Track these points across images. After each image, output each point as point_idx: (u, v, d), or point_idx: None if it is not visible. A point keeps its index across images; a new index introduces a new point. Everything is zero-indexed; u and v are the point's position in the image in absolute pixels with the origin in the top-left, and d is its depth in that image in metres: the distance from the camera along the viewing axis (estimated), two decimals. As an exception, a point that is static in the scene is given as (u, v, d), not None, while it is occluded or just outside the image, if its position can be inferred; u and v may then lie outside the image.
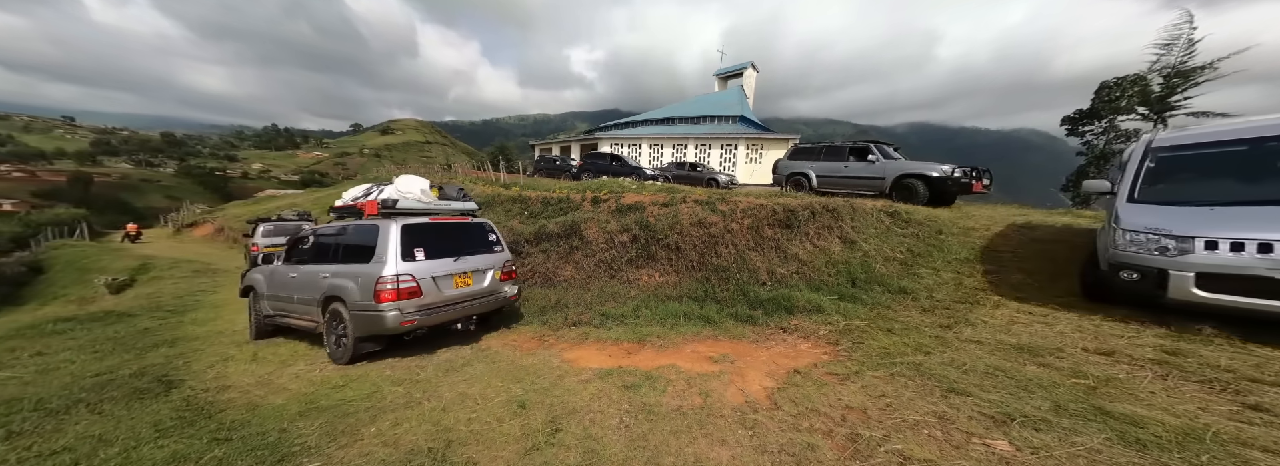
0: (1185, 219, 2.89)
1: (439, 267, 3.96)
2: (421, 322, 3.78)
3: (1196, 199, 3.01)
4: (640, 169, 14.47)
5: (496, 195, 9.58)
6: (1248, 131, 3.04)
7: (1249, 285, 2.59)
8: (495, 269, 4.43)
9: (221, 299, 7.93)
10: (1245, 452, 1.75)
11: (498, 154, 36.52)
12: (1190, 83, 11.05)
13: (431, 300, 3.86)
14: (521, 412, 2.69)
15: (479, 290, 4.26)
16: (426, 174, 21.62)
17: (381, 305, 3.60)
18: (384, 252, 3.74)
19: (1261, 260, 2.54)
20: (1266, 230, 2.57)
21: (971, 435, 2.05)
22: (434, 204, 4.42)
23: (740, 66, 29.95)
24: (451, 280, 4.04)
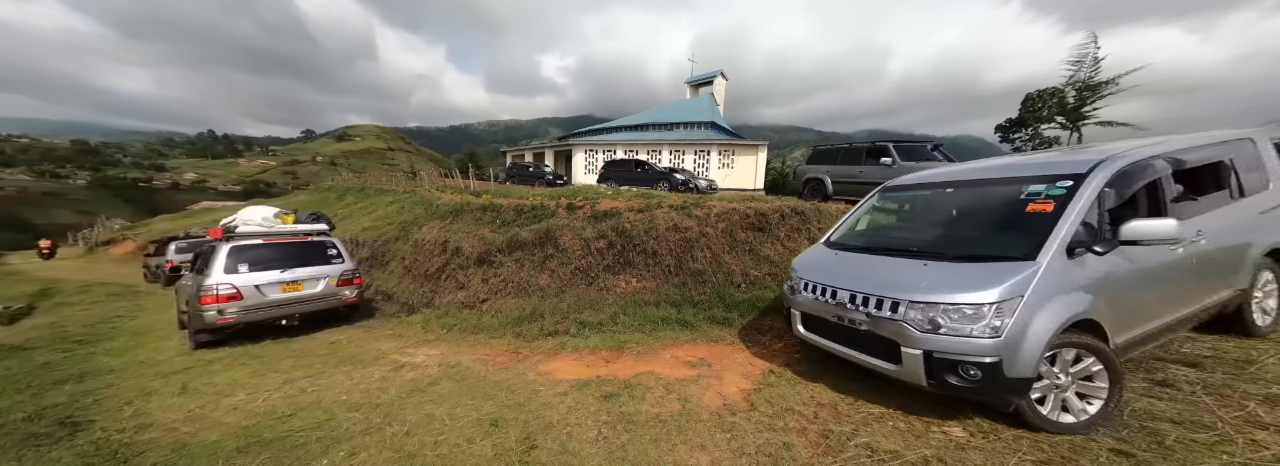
0: (820, 262, 3.01)
1: (264, 278, 5.11)
2: (239, 320, 4.91)
3: (856, 243, 3.06)
4: (671, 174, 12.99)
5: (465, 204, 9.21)
6: (931, 177, 3.11)
7: (825, 327, 2.69)
8: (331, 277, 5.57)
9: (144, 325, 7.02)
10: (1156, 424, 1.98)
11: (467, 161, 35.27)
12: (1097, 96, 12.67)
13: (253, 303, 4.99)
14: (494, 431, 2.57)
15: (310, 295, 5.40)
16: (389, 181, 20.47)
17: (203, 306, 4.76)
18: (212, 267, 4.95)
19: (828, 305, 2.59)
20: (838, 278, 2.63)
21: (930, 423, 2.19)
22: (272, 228, 5.66)
23: (711, 75, 30.91)
24: (278, 287, 5.18)
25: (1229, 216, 2.60)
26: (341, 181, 27.56)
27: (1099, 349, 2.07)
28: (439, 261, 7.42)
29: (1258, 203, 2.72)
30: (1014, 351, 1.96)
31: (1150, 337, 2.36)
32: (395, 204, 13.29)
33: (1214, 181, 2.72)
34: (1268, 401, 2.06)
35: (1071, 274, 2.09)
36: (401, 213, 11.55)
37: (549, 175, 18.75)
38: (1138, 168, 2.31)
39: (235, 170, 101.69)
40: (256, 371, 4.18)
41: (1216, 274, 2.54)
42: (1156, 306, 2.36)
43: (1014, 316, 1.98)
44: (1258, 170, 2.81)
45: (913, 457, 1.93)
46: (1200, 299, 2.49)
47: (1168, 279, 2.36)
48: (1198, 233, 2.43)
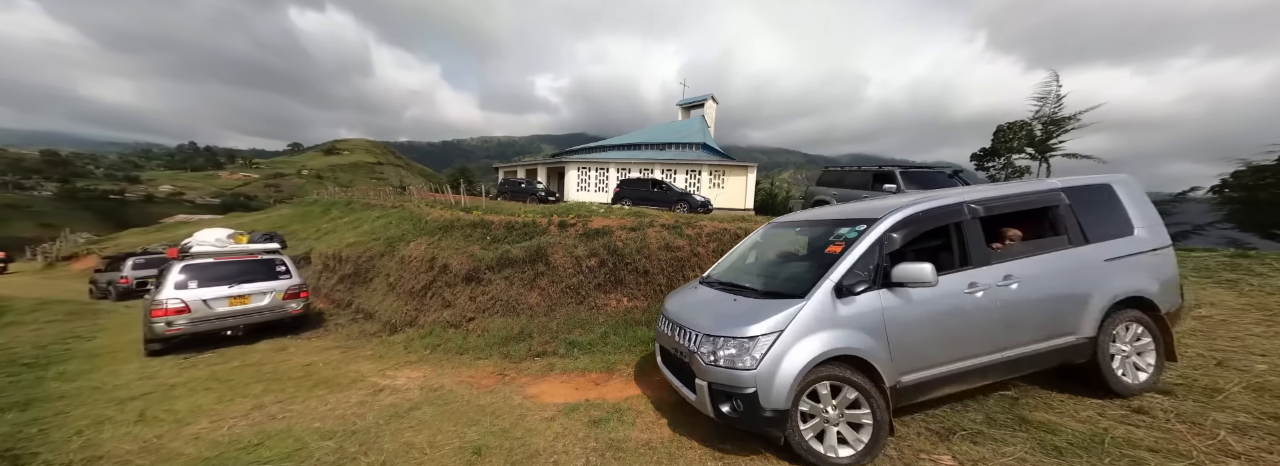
0: (683, 297, 3.11)
1: (212, 292, 5.74)
2: (186, 331, 5.54)
3: (719, 278, 3.10)
4: (689, 195, 12.69)
5: (456, 219, 9.16)
6: (800, 215, 3.28)
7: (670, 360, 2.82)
8: (277, 291, 6.24)
9: (102, 345, 6.56)
10: (1136, 453, 2.02)
11: (458, 176, 35.29)
12: (1062, 130, 13.62)
13: (200, 315, 5.62)
14: (476, 460, 2.45)
15: (255, 307, 6.04)
16: (377, 196, 20.28)
17: (153, 319, 5.41)
18: (164, 284, 5.63)
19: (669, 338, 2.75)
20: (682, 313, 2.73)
21: (921, 451, 2.18)
22: (225, 247, 6.48)
23: (701, 98, 32.31)
24: (226, 301, 5.82)
25: (1058, 262, 2.51)
26: (327, 195, 27.17)
27: (859, 384, 2.12)
28: (425, 278, 7.26)
29: (1107, 250, 2.58)
30: (768, 384, 2.07)
31: (949, 380, 2.31)
32: (382, 219, 13.12)
33: (1050, 227, 2.69)
34: (1237, 430, 2.12)
35: (838, 312, 2.18)
36: (388, 228, 11.39)
37: (541, 192, 18.85)
38: (922, 215, 2.46)
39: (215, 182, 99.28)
40: (222, 396, 3.93)
41: (1041, 320, 2.43)
42: (950, 348, 2.31)
43: (769, 350, 2.10)
44: (1113, 217, 2.71)
45: (905, 489, 1.91)
46: (1019, 345, 2.39)
47: (964, 321, 2.32)
48: (1006, 277, 2.38)
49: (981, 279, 2.40)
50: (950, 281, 2.36)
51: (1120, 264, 2.59)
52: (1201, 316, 3.63)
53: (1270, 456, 1.92)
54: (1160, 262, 2.67)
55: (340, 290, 9.19)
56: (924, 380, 2.29)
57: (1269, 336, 3.11)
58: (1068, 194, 2.72)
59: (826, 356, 2.11)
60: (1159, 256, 2.68)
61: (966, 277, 2.40)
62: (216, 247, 6.44)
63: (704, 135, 29.38)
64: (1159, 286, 2.62)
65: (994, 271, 2.42)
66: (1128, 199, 2.78)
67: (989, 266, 2.43)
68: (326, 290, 9.57)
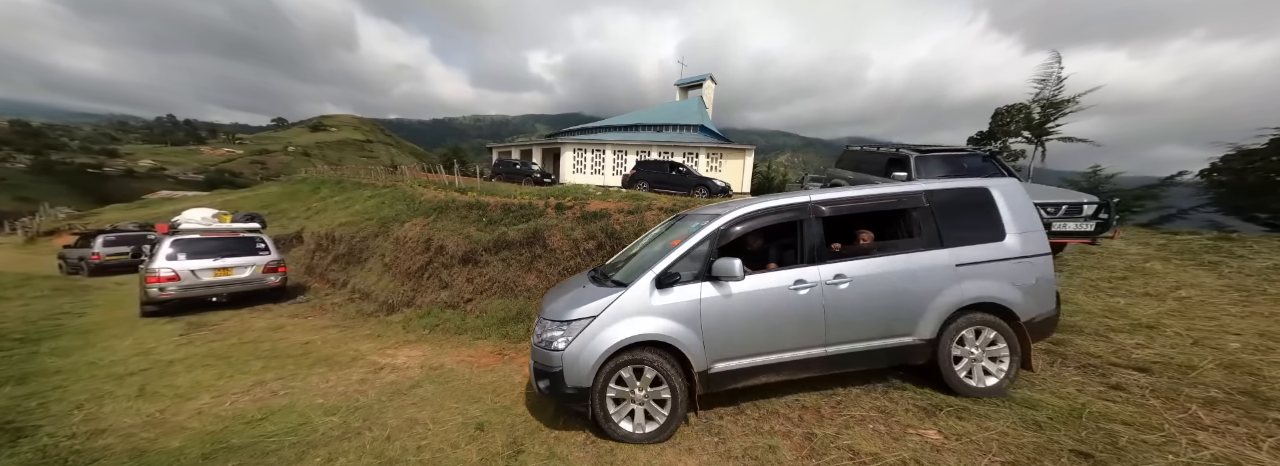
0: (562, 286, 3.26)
1: (199, 264, 6.62)
2: (176, 296, 6.41)
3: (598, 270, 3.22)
4: (710, 179, 12.22)
5: (450, 200, 8.98)
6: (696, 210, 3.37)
7: None
8: (258, 265, 7.07)
9: (94, 322, 6.53)
10: (1111, 426, 2.13)
11: (451, 156, 34.38)
12: (1060, 113, 13.43)
13: (189, 283, 6.50)
14: (479, 436, 2.52)
15: (238, 278, 6.90)
16: (368, 175, 19.76)
17: (148, 285, 6.27)
18: (157, 255, 6.47)
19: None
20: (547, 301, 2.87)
21: (908, 426, 2.28)
22: (210, 225, 7.30)
23: (700, 78, 31.20)
24: (211, 272, 6.70)
25: (899, 265, 2.53)
26: (316, 173, 26.48)
27: (661, 367, 2.29)
28: (422, 259, 7.22)
29: (963, 254, 2.56)
30: (572, 364, 2.29)
31: (765, 370, 2.44)
32: (374, 199, 12.84)
33: (905, 230, 2.72)
34: (1207, 404, 2.24)
35: (654, 301, 2.36)
36: (381, 208, 11.17)
37: (537, 173, 18.49)
38: (756, 214, 2.59)
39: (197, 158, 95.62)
40: (222, 373, 3.96)
41: (873, 320, 2.49)
42: (768, 340, 2.42)
43: (580, 334, 2.31)
44: (983, 221, 2.66)
45: (891, 460, 2.01)
46: (847, 341, 2.47)
47: (785, 316, 2.41)
48: (837, 277, 2.46)
49: (810, 277, 2.47)
50: (777, 277, 2.47)
51: (975, 269, 2.54)
52: (1181, 297, 3.74)
53: (1237, 428, 2.03)
54: (1026, 270, 2.59)
55: (335, 270, 9.13)
56: (737, 368, 2.42)
57: (1244, 316, 3.24)
58: (932, 197, 2.69)
59: (633, 341, 2.29)
60: (1027, 264, 2.60)
61: (795, 275, 2.48)
62: (202, 225, 7.25)
63: (702, 117, 28.63)
64: (1020, 293, 2.56)
65: (826, 270, 2.49)
66: (1005, 204, 2.71)
67: (823, 265, 2.51)
68: (321, 269, 9.50)
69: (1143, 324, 3.23)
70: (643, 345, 2.33)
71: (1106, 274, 4.44)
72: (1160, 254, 4.97)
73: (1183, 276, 4.22)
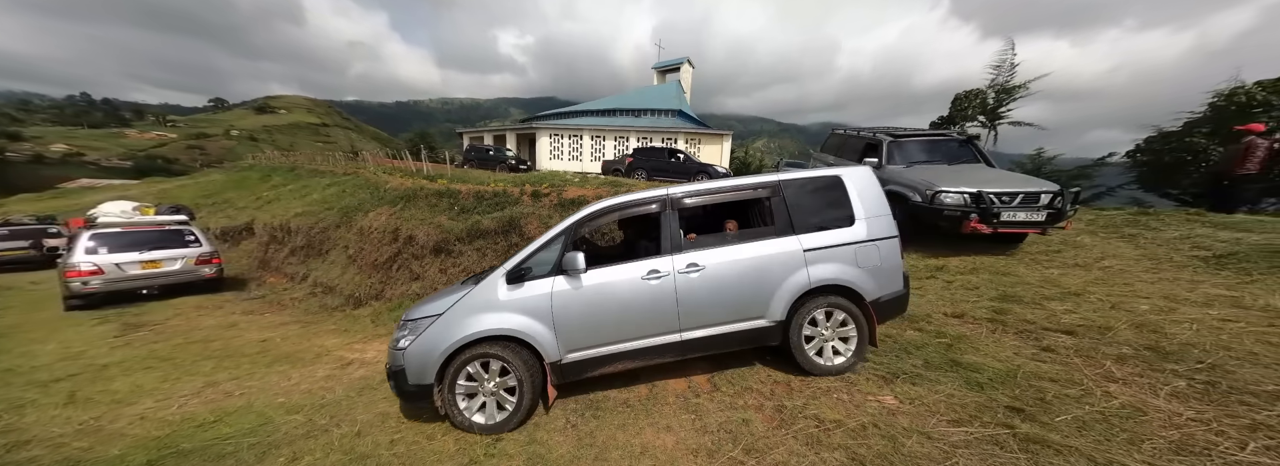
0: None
1: (124, 258, 6.51)
2: (101, 289, 6.32)
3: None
4: (710, 166, 11.89)
5: (419, 188, 8.50)
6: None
7: None
8: (189, 258, 7.05)
9: (9, 324, 5.85)
10: (1040, 384, 2.37)
11: (418, 141, 32.39)
12: (1012, 98, 14.21)
13: (114, 277, 6.41)
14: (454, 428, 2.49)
15: (169, 271, 6.88)
16: (326, 161, 18.29)
17: (69, 280, 6.19)
18: (75, 250, 6.37)
19: None
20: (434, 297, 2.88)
21: (868, 394, 2.45)
22: (131, 218, 7.42)
23: (677, 61, 30.48)
24: (137, 265, 6.59)
25: (751, 251, 2.64)
26: (266, 160, 24.28)
27: (507, 360, 2.38)
28: (390, 250, 6.87)
29: (812, 240, 2.68)
30: (413, 361, 2.37)
31: (622, 357, 2.53)
32: (334, 187, 11.97)
33: (760, 218, 2.87)
34: (1119, 360, 2.54)
35: (503, 296, 2.45)
36: (342, 197, 10.44)
37: (512, 160, 17.77)
38: (611, 209, 2.68)
39: (121, 142, 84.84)
40: (167, 375, 3.68)
41: (727, 305, 2.59)
42: (622, 329, 2.51)
43: (424, 332, 2.40)
44: (834, 208, 2.80)
45: (853, 425, 2.16)
46: (703, 326, 2.57)
47: (638, 305, 2.52)
48: (691, 265, 2.56)
49: (664, 267, 2.56)
50: (630, 268, 2.56)
51: (823, 254, 2.67)
52: (1105, 267, 4.17)
53: (1141, 379, 2.32)
54: (873, 253, 2.73)
55: (293, 263, 8.55)
56: (592, 357, 2.51)
57: (1153, 282, 3.65)
58: (787, 186, 2.81)
59: (478, 337, 2.37)
60: (873, 247, 2.74)
61: (650, 265, 2.56)
62: (123, 218, 7.30)
63: (680, 102, 28.21)
64: (866, 275, 2.70)
65: (680, 259, 2.58)
66: (856, 191, 2.85)
67: (678, 255, 2.59)
68: (277, 263, 8.87)
69: (1071, 291, 3.58)
70: (492, 339, 2.40)
71: (1044, 248, 4.85)
72: (1089, 228, 5.47)
73: (1107, 248, 4.68)
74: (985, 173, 5.03)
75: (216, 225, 11.99)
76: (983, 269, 4.27)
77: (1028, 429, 1.98)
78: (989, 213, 4.22)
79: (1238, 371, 2.25)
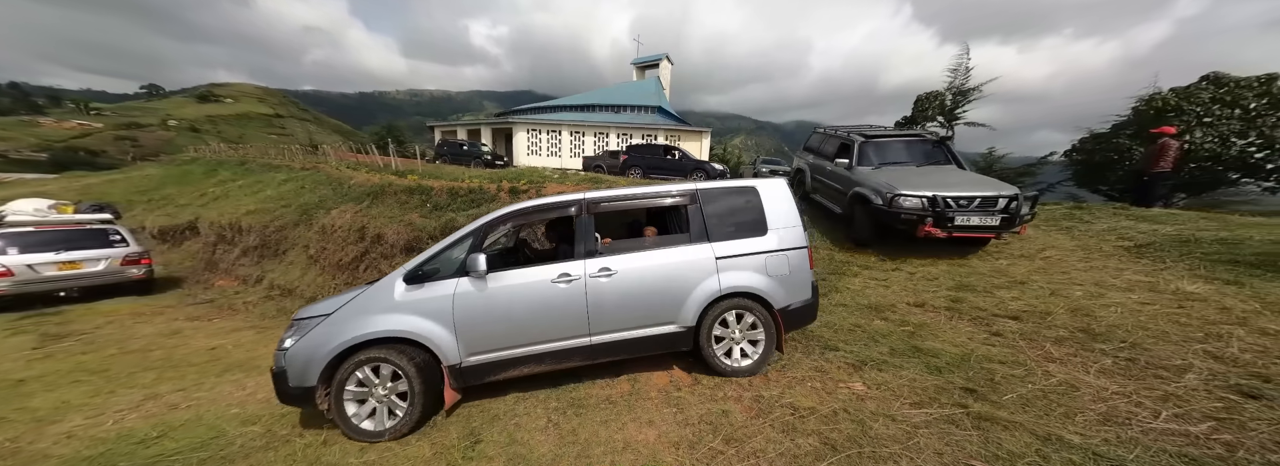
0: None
1: (38, 258, 6.03)
2: (12, 292, 5.85)
3: None
4: (707, 163, 11.78)
5: (387, 185, 8.06)
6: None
7: None
8: (113, 258, 6.60)
9: (-105, 341, 5.09)
10: (990, 366, 2.58)
11: (386, 135, 30.66)
12: (968, 100, 15.20)
13: (26, 278, 5.94)
14: (431, 430, 2.41)
15: (91, 272, 6.40)
16: (281, 155, 16.99)
17: None
18: None
19: None
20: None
21: (839, 382, 2.58)
22: (45, 217, 7.07)
23: (656, 57, 30.40)
24: (54, 266, 6.13)
25: (665, 258, 2.67)
26: (211, 153, 22.24)
27: (398, 362, 2.31)
28: (355, 250, 6.50)
29: (724, 248, 2.73)
30: (296, 363, 2.32)
31: (529, 360, 2.52)
32: (291, 183, 11.15)
33: (677, 225, 2.99)
34: (1057, 341, 2.80)
35: (400, 298, 2.41)
36: (301, 193, 9.76)
37: (487, 155, 17.17)
38: (521, 213, 2.70)
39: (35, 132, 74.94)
40: (99, 389, 3.35)
41: (638, 310, 2.61)
42: (528, 332, 2.50)
43: (309, 333, 2.34)
44: (749, 217, 2.85)
45: (825, 411, 2.27)
46: (614, 331, 2.59)
47: (546, 309, 2.51)
48: (603, 269, 2.57)
49: (576, 271, 2.57)
50: (539, 272, 2.56)
51: (735, 261, 2.72)
52: (1046, 257, 4.56)
53: (1075, 358, 2.57)
54: (782, 262, 2.79)
55: (245, 264, 7.93)
56: (495, 360, 2.49)
57: (1087, 270, 4.04)
58: (703, 195, 2.86)
59: (369, 338, 2.31)
60: (784, 257, 2.80)
61: (561, 269, 2.57)
62: (35, 217, 6.98)
63: (660, 98, 28.19)
64: (775, 284, 2.75)
65: (593, 264, 2.60)
66: (770, 202, 2.90)
67: (591, 259, 2.61)
68: (227, 265, 8.19)
69: (1017, 280, 3.91)
70: (384, 342, 2.34)
71: (996, 242, 5.25)
72: (1033, 223, 5.97)
73: (1047, 240, 5.12)
74: (952, 175, 5.03)
75: (154, 224, 10.90)
76: (942, 260, 4.57)
77: (979, 407, 2.15)
78: (943, 217, 4.24)
79: (1153, 348, 2.53)
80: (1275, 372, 2.15)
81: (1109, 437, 1.86)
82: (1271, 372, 2.16)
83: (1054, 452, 1.80)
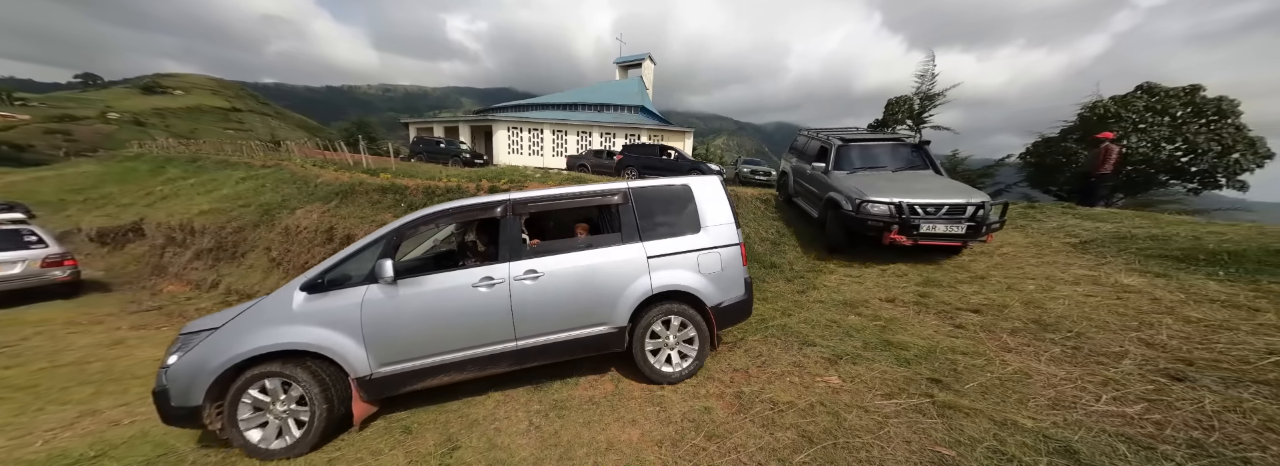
0: None
1: None
2: None
3: None
4: (703, 163, 11.39)
5: (358, 183, 7.69)
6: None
7: None
8: (31, 260, 6.20)
9: None
10: (954, 357, 2.74)
11: (356, 131, 29.22)
12: (934, 105, 16.06)
13: None
14: (406, 438, 2.33)
15: (7, 275, 6.00)
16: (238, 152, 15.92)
17: None
18: None
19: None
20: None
21: (816, 376, 2.66)
22: None
23: (639, 57, 30.39)
24: None
25: (594, 258, 2.61)
26: (159, 148, 20.60)
27: (295, 376, 2.18)
28: (324, 252, 6.19)
29: (656, 247, 2.70)
30: (179, 380, 2.15)
31: (451, 367, 2.41)
32: (251, 180, 10.48)
33: (609, 224, 2.87)
34: (1012, 332, 3.00)
35: (298, 308, 2.26)
36: (261, 192, 9.18)
37: (466, 153, 16.68)
38: (439, 215, 2.58)
39: None
40: (25, 406, 3.05)
41: (568, 311, 2.55)
42: (448, 339, 2.39)
43: (195, 348, 2.19)
44: (682, 216, 2.83)
45: (803, 405, 2.35)
46: (543, 334, 2.52)
47: (468, 313, 2.40)
48: (529, 272, 2.50)
49: (500, 274, 2.48)
50: (459, 276, 2.46)
51: (667, 260, 2.69)
52: (1003, 253, 4.88)
53: (1028, 348, 2.76)
54: (715, 259, 2.78)
55: (199, 268, 7.39)
56: (412, 370, 2.37)
57: (1038, 265, 4.34)
58: (636, 194, 2.83)
59: (263, 351, 2.17)
60: (716, 254, 2.79)
61: (482, 272, 2.47)
62: None
63: (643, 98, 28.21)
64: (707, 282, 2.74)
65: (519, 266, 2.52)
66: (703, 200, 2.88)
67: (516, 261, 2.53)
68: (177, 269, 7.61)
69: (978, 275, 4.15)
70: (281, 355, 2.21)
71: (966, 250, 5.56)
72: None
73: (1004, 237, 5.47)
74: (925, 181, 4.93)
75: (91, 225, 9.98)
76: (912, 259, 4.80)
77: (944, 396, 2.28)
78: (908, 224, 4.21)
79: (1095, 337, 2.75)
80: (1197, 357, 2.39)
81: (1057, 420, 2.01)
82: (1194, 357, 2.39)
83: (1009, 436, 1.93)
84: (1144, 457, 1.72)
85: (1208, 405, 1.99)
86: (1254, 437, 1.76)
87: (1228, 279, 3.37)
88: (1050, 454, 1.79)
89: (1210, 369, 2.26)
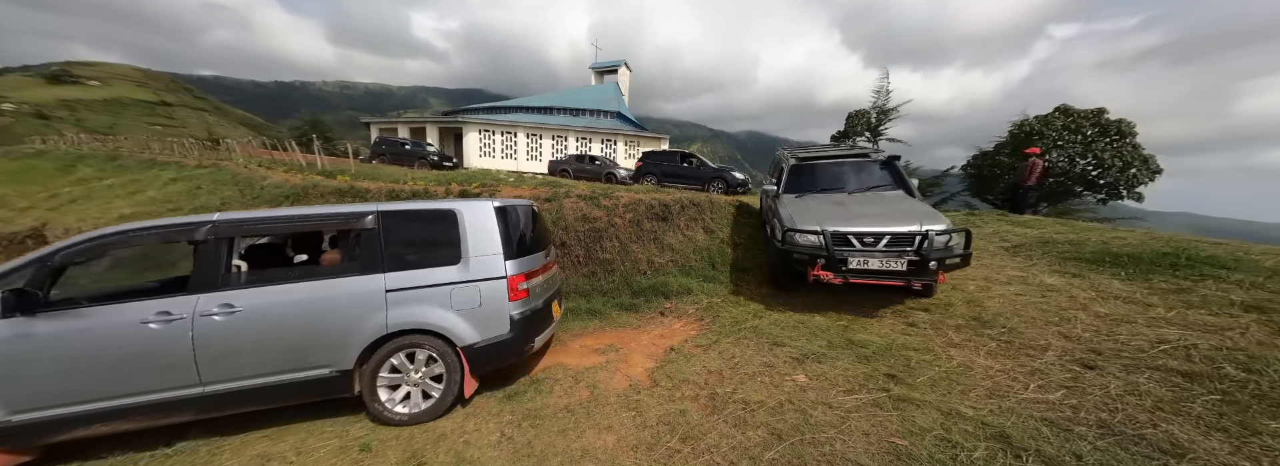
0: None
1: None
2: None
3: None
4: (725, 171, 10.41)
5: (312, 186, 7.18)
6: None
7: None
8: None
9: None
10: (907, 353, 2.96)
11: (309, 130, 27.30)
12: (888, 119, 17.45)
13: None
14: (365, 457, 2.19)
15: None
16: (167, 150, 14.38)
17: None
18: None
19: None
20: None
21: (785, 375, 2.79)
22: None
23: (615, 63, 30.74)
24: None
25: (315, 291, 2.35)
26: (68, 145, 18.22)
27: None
28: (270, 259, 5.68)
29: (398, 279, 2.42)
30: None
31: (109, 415, 2.14)
32: (183, 182, 9.52)
33: (354, 252, 2.53)
34: (957, 329, 3.29)
35: None
36: (196, 195, 8.36)
37: (434, 155, 16.05)
38: (101, 239, 2.24)
39: None
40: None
41: (271, 352, 2.28)
42: (105, 384, 2.13)
43: None
44: (441, 245, 2.57)
45: (773, 404, 2.45)
46: (236, 379, 2.25)
47: (130, 355, 2.14)
48: (225, 305, 2.23)
49: (180, 308, 2.20)
50: (120, 310, 2.17)
51: (412, 294, 2.43)
52: (949, 258, 5.34)
53: (970, 343, 3.04)
54: (473, 294, 2.51)
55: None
56: (56, 418, 2.09)
57: (978, 267, 4.79)
58: (385, 219, 2.54)
59: None
60: (475, 288, 2.51)
61: (159, 305, 2.19)
62: None
63: (619, 103, 28.49)
64: (460, 319, 2.47)
65: (211, 299, 2.24)
66: (469, 228, 2.61)
67: (208, 293, 2.25)
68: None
69: (928, 278, 4.52)
70: None
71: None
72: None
73: (951, 242, 6.01)
74: (884, 204, 4.08)
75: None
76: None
77: (898, 390, 2.46)
78: (835, 259, 3.40)
79: (1025, 332, 3.08)
80: (1105, 347, 2.73)
81: (994, 408, 2.23)
82: (1103, 348, 2.73)
83: (954, 425, 2.11)
84: (1063, 438, 1.94)
85: (1113, 389, 2.28)
86: (1148, 416, 2.05)
87: (1128, 278, 3.88)
88: (988, 439, 1.98)
89: (1114, 357, 2.60)
